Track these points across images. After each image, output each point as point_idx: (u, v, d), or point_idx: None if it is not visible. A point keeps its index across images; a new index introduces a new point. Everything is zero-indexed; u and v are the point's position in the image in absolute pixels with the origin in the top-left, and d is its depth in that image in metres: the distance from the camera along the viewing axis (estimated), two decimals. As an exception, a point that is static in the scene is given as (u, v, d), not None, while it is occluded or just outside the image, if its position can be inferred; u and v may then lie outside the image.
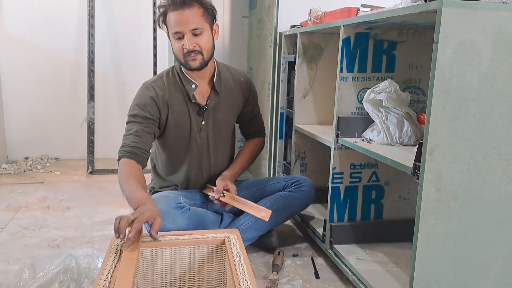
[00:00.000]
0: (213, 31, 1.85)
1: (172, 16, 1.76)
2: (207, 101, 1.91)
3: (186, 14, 1.74)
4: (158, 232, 1.48)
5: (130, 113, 1.84)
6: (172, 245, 1.44)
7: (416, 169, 1.20)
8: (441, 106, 1.12)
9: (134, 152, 1.75)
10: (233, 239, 1.43)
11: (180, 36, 1.77)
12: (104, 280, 1.16)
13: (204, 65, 1.82)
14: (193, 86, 1.87)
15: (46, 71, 3.52)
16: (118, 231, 1.36)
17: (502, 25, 1.11)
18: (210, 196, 1.87)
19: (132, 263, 1.18)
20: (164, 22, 1.81)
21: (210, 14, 1.82)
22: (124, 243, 1.36)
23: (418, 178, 1.19)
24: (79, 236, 2.10)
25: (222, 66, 2.00)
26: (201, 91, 1.90)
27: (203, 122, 1.92)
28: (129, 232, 1.38)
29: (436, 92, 1.11)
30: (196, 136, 1.92)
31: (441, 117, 1.12)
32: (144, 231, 1.66)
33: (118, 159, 1.78)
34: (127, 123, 1.85)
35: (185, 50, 1.77)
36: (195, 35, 1.77)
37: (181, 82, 1.89)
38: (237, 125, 2.15)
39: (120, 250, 1.33)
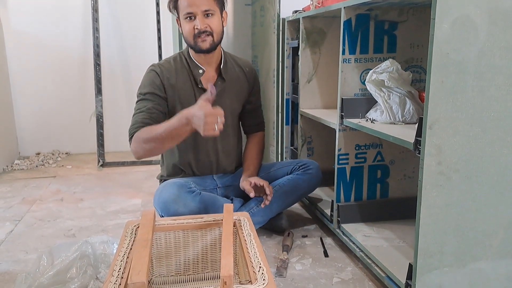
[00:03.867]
0: (222, 18, 1.90)
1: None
2: None
3: None
4: (171, 217, 1.55)
5: (140, 91, 1.88)
6: (185, 228, 1.48)
7: (418, 143, 1.23)
8: (439, 81, 1.14)
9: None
10: (244, 221, 1.47)
11: (191, 17, 1.81)
12: (121, 261, 1.21)
13: (213, 47, 1.86)
14: (200, 71, 1.91)
15: (53, 67, 3.57)
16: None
17: (497, -1, 1.14)
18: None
19: (147, 244, 1.22)
20: (175, 6, 1.86)
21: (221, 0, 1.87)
22: (138, 226, 1.41)
23: (419, 153, 1.22)
24: (94, 225, 2.16)
25: (228, 54, 2.03)
26: (207, 77, 1.94)
27: None
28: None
29: (435, 67, 1.13)
30: None
31: (440, 91, 1.15)
32: (157, 216, 1.71)
33: (131, 136, 1.78)
34: (137, 102, 1.88)
35: (196, 31, 1.81)
36: (207, 16, 1.81)
37: (188, 67, 1.92)
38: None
39: (135, 233, 1.38)
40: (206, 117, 1.50)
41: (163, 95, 1.88)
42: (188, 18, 1.82)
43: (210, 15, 1.82)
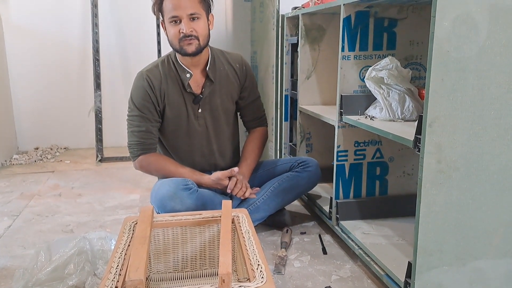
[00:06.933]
0: (209, 21, 1.88)
1: (169, 2, 1.78)
2: (202, 89, 1.93)
3: None
4: (169, 213, 1.54)
5: (134, 103, 1.89)
6: (183, 225, 1.47)
7: (417, 141, 1.23)
8: (440, 79, 1.14)
9: (149, 148, 1.91)
10: (242, 217, 1.47)
11: (176, 20, 1.79)
12: (119, 258, 1.20)
13: (199, 51, 1.84)
14: (188, 75, 1.89)
15: (53, 62, 3.55)
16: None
17: (498, -3, 1.13)
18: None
19: (145, 241, 1.22)
20: (160, 9, 1.83)
21: (207, 2, 1.85)
22: (136, 222, 1.41)
23: (419, 151, 1.21)
24: (92, 221, 2.15)
25: (217, 52, 2.00)
26: (195, 80, 1.93)
27: (200, 110, 1.94)
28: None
29: (435, 65, 1.13)
30: (194, 123, 1.95)
31: (440, 89, 1.15)
32: (155, 213, 1.71)
33: (137, 155, 1.90)
34: (129, 116, 1.91)
35: (181, 35, 1.79)
36: (192, 20, 1.79)
37: (176, 71, 1.91)
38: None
39: (133, 230, 1.37)
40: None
41: (153, 107, 1.89)
42: (173, 22, 1.80)
43: (196, 18, 1.79)
